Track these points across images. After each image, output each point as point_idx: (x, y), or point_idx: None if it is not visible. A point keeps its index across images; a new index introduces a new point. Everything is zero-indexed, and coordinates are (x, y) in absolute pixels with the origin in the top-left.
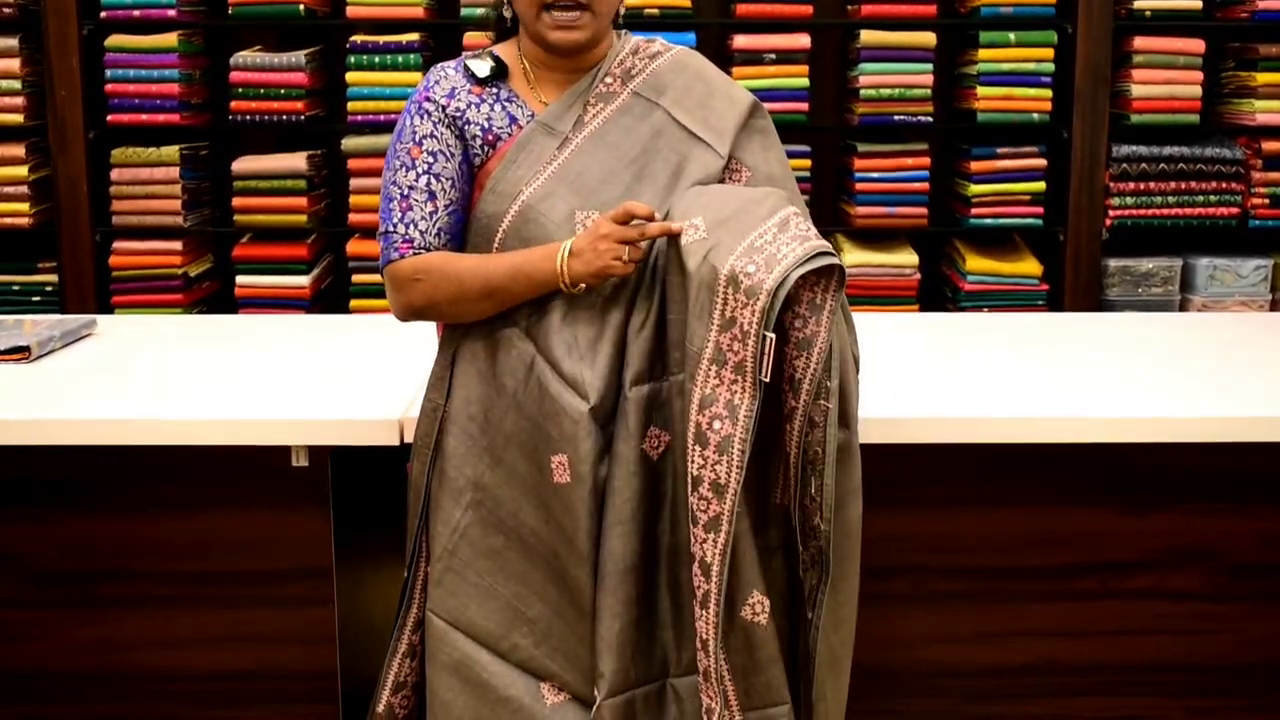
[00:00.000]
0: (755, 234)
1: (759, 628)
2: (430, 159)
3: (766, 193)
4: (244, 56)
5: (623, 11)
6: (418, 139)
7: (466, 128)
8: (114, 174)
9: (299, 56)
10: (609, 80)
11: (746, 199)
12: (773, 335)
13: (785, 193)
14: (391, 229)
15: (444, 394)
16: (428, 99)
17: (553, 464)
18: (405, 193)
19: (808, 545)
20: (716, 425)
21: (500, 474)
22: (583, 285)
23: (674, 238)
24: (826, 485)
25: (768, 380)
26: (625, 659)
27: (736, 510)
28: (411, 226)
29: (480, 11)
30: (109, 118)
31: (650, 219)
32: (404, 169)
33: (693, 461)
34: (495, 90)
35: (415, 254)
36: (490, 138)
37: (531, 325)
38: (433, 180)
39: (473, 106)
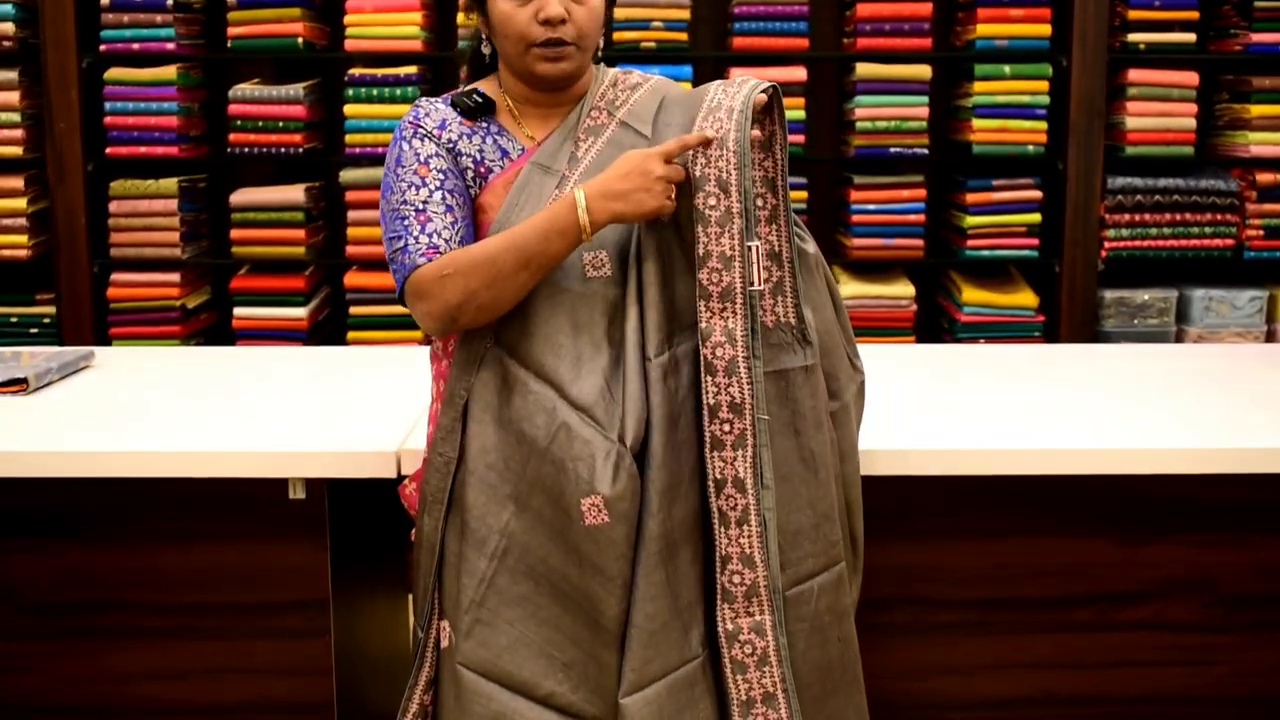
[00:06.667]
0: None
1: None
2: (441, 176)
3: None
4: (242, 89)
5: (602, 46)
6: (423, 159)
7: (459, 159)
8: (112, 206)
9: (297, 89)
10: (595, 113)
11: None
12: (756, 244)
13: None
14: (412, 241)
15: (456, 446)
16: (420, 126)
17: (584, 506)
18: (421, 208)
19: None
20: (719, 352)
21: (527, 519)
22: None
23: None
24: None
25: (758, 287)
26: (652, 648)
27: (759, 426)
28: (435, 236)
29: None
30: (108, 150)
31: (707, 145)
32: (413, 188)
33: (706, 392)
34: (485, 124)
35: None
36: (482, 170)
37: (545, 368)
38: (447, 195)
39: (464, 138)
